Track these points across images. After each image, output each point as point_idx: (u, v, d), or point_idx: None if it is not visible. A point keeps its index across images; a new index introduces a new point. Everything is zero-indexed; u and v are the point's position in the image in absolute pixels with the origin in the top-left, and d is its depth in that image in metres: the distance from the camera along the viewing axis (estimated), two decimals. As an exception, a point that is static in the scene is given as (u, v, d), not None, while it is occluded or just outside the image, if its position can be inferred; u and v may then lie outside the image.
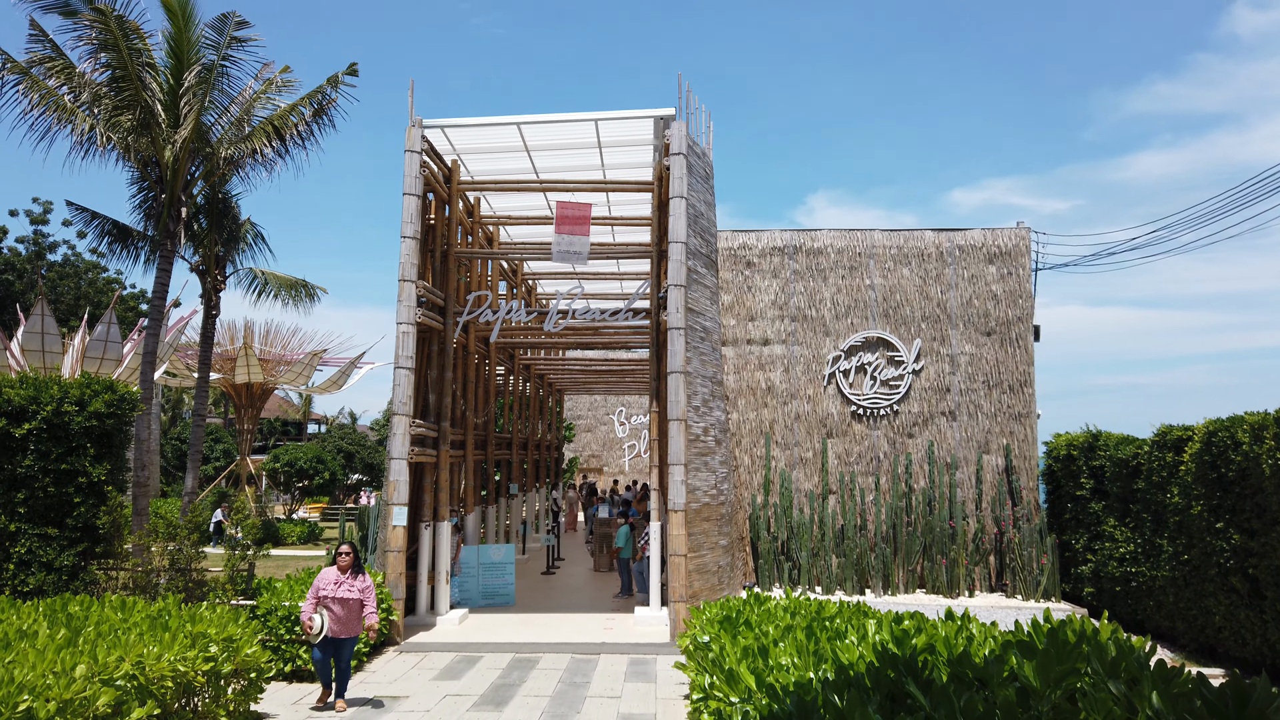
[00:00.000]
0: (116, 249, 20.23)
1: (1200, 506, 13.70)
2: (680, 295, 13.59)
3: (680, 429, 13.24)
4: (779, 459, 19.80)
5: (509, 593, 16.04)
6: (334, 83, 18.17)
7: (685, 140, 13.98)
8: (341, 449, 42.90)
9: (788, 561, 18.83)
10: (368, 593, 9.51)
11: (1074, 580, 17.96)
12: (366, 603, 9.50)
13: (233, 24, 16.98)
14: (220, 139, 18.25)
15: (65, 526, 11.11)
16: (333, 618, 9.29)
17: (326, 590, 9.34)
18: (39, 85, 16.09)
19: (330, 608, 9.32)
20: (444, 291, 15.43)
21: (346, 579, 9.42)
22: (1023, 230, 20.25)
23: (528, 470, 25.29)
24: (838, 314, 20.15)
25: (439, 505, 14.71)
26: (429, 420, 14.91)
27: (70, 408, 11.07)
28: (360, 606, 9.48)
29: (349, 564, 9.49)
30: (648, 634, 13.40)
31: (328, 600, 9.33)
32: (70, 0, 15.60)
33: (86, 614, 8.27)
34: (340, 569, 9.49)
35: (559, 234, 14.94)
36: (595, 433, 40.65)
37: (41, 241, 45.45)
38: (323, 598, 9.33)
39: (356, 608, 9.45)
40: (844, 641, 5.15)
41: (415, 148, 13.99)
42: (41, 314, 26.67)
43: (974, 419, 19.72)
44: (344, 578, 9.42)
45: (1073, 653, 4.15)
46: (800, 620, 6.48)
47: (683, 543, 13.04)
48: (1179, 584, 14.50)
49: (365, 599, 9.49)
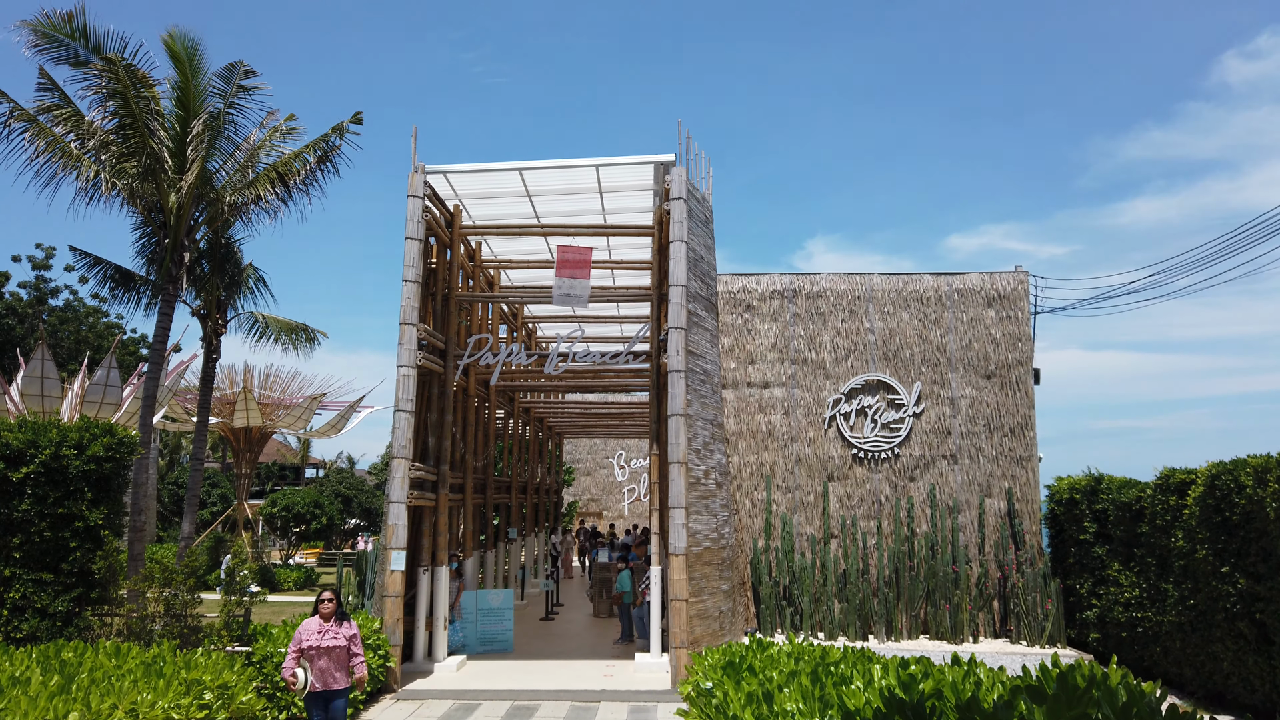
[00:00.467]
0: (119, 294, 20.34)
1: (1205, 550, 13.59)
2: (680, 338, 13.62)
3: (681, 472, 13.18)
4: (780, 502, 19.68)
5: (508, 639, 15.83)
6: (339, 130, 18.42)
7: (685, 185, 14.12)
8: (339, 493, 42.68)
9: (790, 607, 18.62)
10: (354, 641, 8.82)
11: (1079, 626, 17.74)
12: (354, 651, 8.80)
13: (240, 73, 17.24)
14: (225, 185, 18.44)
15: (60, 571, 11.00)
16: (317, 670, 8.57)
17: (309, 640, 8.59)
18: (46, 132, 16.30)
19: (314, 659, 8.59)
20: (445, 335, 15.47)
21: (330, 627, 8.72)
22: (1021, 274, 20.36)
23: (527, 514, 25.12)
24: (837, 357, 20.17)
25: (437, 549, 14.59)
26: (428, 463, 14.85)
27: (69, 451, 11.03)
28: (346, 655, 8.76)
29: (332, 611, 8.76)
30: (648, 681, 13.20)
31: (311, 651, 8.59)
32: (80, 51, 15.87)
33: (80, 661, 8.16)
34: (323, 616, 8.75)
35: (560, 277, 15.03)
36: (595, 476, 40.45)
37: (43, 287, 45.62)
38: (305, 649, 8.59)
39: (342, 657, 8.72)
40: (850, 687, 5.07)
41: (418, 193, 14.12)
42: (41, 358, 26.66)
43: (975, 462, 19.65)
44: (327, 626, 8.72)
45: (1083, 698, 4.08)
46: (805, 666, 6.38)
47: (684, 587, 12.91)
48: (1186, 629, 14.32)
49: (352, 646, 8.80)
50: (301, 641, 8.54)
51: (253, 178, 18.41)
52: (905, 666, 5.67)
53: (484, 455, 19.40)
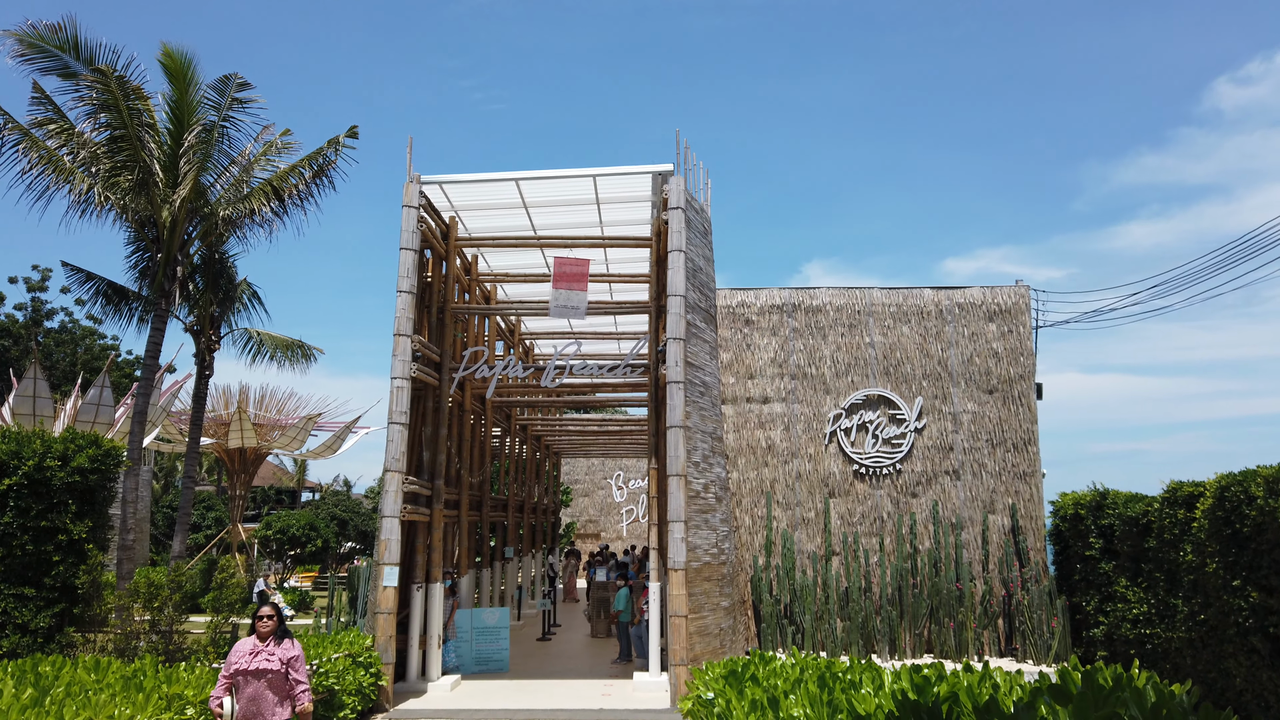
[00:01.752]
0: (111, 310, 20.10)
1: (1215, 564, 13.30)
2: (679, 349, 13.40)
3: (680, 485, 12.91)
4: (780, 519, 19.38)
5: (503, 658, 15.49)
6: (335, 145, 18.31)
7: (683, 194, 13.96)
8: (335, 516, 42.25)
9: (791, 625, 18.27)
10: (296, 664, 7.18)
11: (1085, 643, 17.37)
12: (294, 678, 7.15)
13: (234, 85, 17.14)
14: (219, 199, 18.28)
15: (43, 586, 10.70)
16: (244, 699, 7.03)
17: (239, 663, 7.05)
18: (38, 145, 16.16)
19: (242, 686, 7.05)
20: (440, 348, 15.24)
21: (266, 648, 7.14)
22: (1022, 289, 20.20)
23: (523, 534, 24.77)
24: (838, 371, 19.95)
25: (432, 566, 14.28)
26: (423, 478, 14.58)
27: (53, 463, 10.77)
28: (284, 681, 7.13)
29: (271, 629, 7.21)
30: (647, 700, 12.86)
31: (240, 676, 7.05)
32: (70, 62, 15.76)
33: (57, 674, 7.86)
34: (259, 636, 7.19)
35: (557, 289, 14.84)
36: (593, 497, 40.06)
37: (40, 308, 45.47)
38: (236, 673, 7.06)
39: (279, 683, 7.11)
40: (859, 692, 4.81)
41: (413, 203, 13.96)
42: (34, 378, 26.43)
43: (978, 478, 19.38)
44: (262, 647, 7.14)
45: (1110, 698, 3.83)
46: (810, 674, 6.10)
47: (683, 603, 12.60)
48: (1197, 645, 14.00)
49: (292, 672, 7.15)
50: (231, 665, 7.11)
51: (247, 192, 18.27)
52: (917, 671, 5.40)
53: (480, 472, 19.12)
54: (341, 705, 10.79)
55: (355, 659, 11.53)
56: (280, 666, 7.08)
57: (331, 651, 11.17)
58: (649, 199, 15.58)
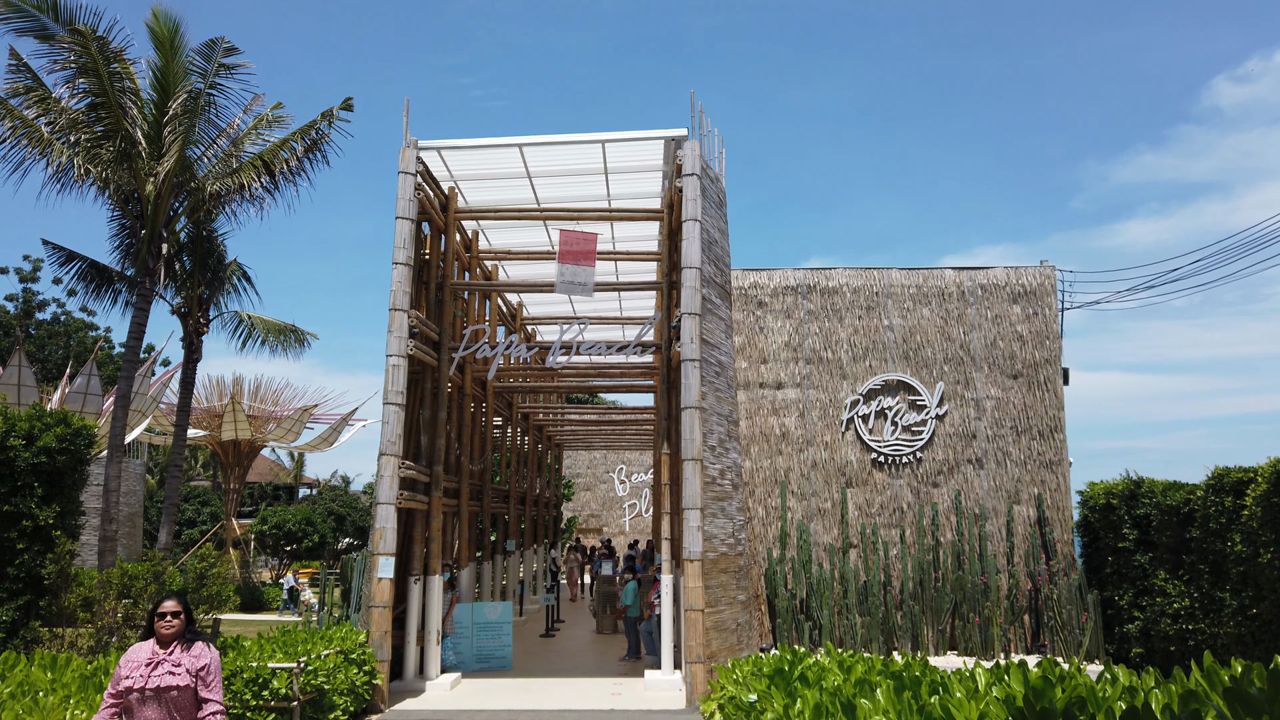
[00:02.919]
0: (93, 292, 19.20)
1: (1270, 554, 12.45)
2: (694, 324, 12.52)
3: (696, 469, 12.03)
4: (795, 510, 18.50)
5: (505, 655, 14.61)
6: (329, 117, 17.45)
7: (699, 160, 13.07)
8: (332, 511, 41.35)
9: (808, 621, 17.40)
10: (207, 675, 5.22)
11: (1119, 640, 16.53)
12: (203, 695, 5.19)
13: (221, 50, 16.25)
14: (207, 173, 17.40)
15: (6, 576, 9.83)
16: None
17: (132, 678, 5.10)
18: (14, 114, 15.28)
19: (136, 708, 5.09)
20: (439, 326, 14.35)
21: (170, 656, 5.19)
22: (1047, 269, 19.33)
23: (525, 528, 23.90)
24: (855, 356, 19.07)
25: (430, 558, 13.39)
26: (420, 463, 13.68)
27: (16, 442, 9.89)
28: (193, 701, 5.18)
29: (176, 631, 5.26)
30: (660, 700, 11.99)
31: (134, 695, 5.09)
32: (47, 23, 14.87)
33: (7, 673, 6.99)
34: (161, 640, 5.25)
35: (563, 264, 13.95)
36: (594, 491, 39.18)
37: (31, 299, 44.59)
38: (126, 691, 5.10)
39: (189, 703, 5.16)
40: (952, 696, 3.96)
41: (409, 169, 13.07)
42: (19, 365, 25.50)
43: (1002, 467, 18.52)
44: (164, 654, 5.19)
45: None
46: (870, 675, 5.23)
47: (699, 596, 11.73)
48: (1247, 641, 13.15)
49: (200, 689, 5.19)
50: (121, 679, 5.14)
51: (236, 166, 17.39)
52: (1006, 672, 4.56)
53: (481, 460, 18.23)
54: (332, 706, 9.94)
55: (348, 656, 10.68)
56: (189, 680, 5.14)
57: (322, 648, 10.31)
58: (659, 169, 14.70)
